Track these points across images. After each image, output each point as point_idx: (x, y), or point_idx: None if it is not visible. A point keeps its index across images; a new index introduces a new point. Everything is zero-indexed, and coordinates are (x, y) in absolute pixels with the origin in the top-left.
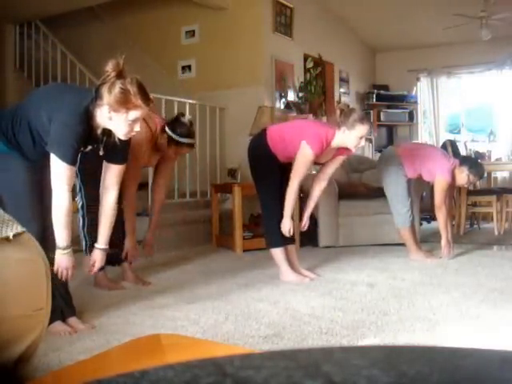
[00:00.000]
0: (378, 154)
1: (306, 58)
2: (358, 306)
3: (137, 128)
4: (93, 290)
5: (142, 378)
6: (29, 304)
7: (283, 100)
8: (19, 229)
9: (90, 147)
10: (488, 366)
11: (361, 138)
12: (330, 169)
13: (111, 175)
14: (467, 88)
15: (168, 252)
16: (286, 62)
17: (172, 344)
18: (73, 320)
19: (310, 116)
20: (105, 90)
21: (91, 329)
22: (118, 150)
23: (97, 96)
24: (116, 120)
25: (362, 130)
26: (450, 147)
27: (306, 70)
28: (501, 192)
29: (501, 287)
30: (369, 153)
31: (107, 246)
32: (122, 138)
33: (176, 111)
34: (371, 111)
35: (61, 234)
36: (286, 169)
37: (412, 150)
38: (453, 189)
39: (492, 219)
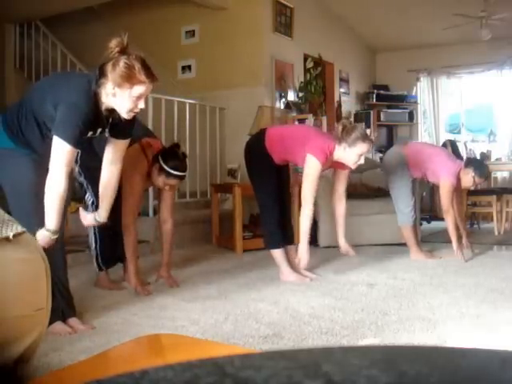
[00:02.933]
0: (379, 154)
1: (305, 58)
2: (358, 306)
3: (141, 105)
4: (93, 289)
5: (142, 378)
6: (29, 304)
7: (283, 100)
8: (19, 229)
9: (98, 130)
10: (488, 366)
11: (360, 155)
12: (342, 187)
13: (116, 150)
14: (467, 88)
15: None
16: (286, 62)
17: (172, 344)
18: (73, 320)
19: (310, 116)
20: (109, 67)
21: (91, 329)
22: (123, 126)
23: (100, 74)
24: (120, 96)
25: (362, 147)
26: (450, 147)
27: (306, 70)
28: (501, 192)
29: (501, 287)
30: (369, 153)
31: (106, 220)
32: (126, 116)
33: (176, 111)
34: (371, 111)
35: (52, 217)
36: (281, 170)
37: (418, 150)
38: (460, 192)
39: (492, 219)
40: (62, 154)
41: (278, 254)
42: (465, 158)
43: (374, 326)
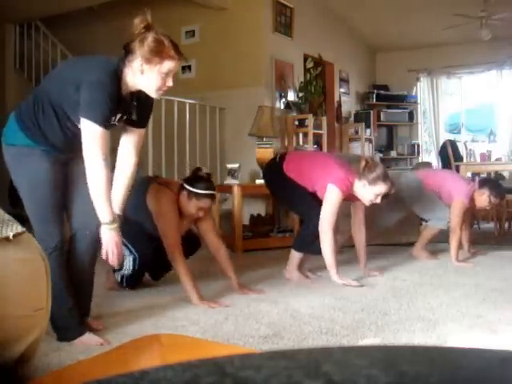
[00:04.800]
0: (379, 154)
1: (306, 58)
2: (358, 306)
3: (170, 82)
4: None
5: (142, 378)
6: (29, 304)
7: (283, 100)
8: (19, 229)
9: (119, 116)
10: (488, 366)
11: (378, 195)
12: (359, 216)
13: (133, 139)
14: (467, 88)
15: None
16: (286, 62)
17: (172, 344)
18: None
19: (310, 116)
20: (136, 43)
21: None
22: (141, 112)
23: (126, 53)
24: (148, 73)
25: (382, 188)
26: (450, 147)
27: (306, 70)
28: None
29: (501, 287)
30: (369, 153)
31: (122, 212)
32: (154, 95)
33: (176, 111)
34: (371, 111)
35: (103, 207)
36: None
37: (432, 175)
38: (471, 214)
39: (492, 219)
40: (93, 137)
41: (297, 256)
42: (477, 179)
43: (374, 326)
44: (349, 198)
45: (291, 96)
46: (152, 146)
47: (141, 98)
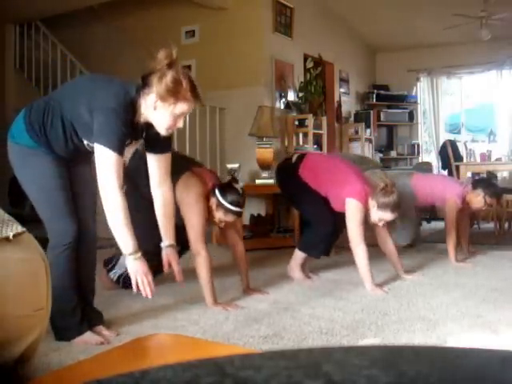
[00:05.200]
0: (379, 154)
1: (306, 58)
2: (358, 306)
3: (180, 124)
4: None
5: (142, 378)
6: (29, 304)
7: (283, 100)
8: (19, 229)
9: (129, 141)
10: (488, 366)
11: (381, 221)
12: (382, 228)
13: (160, 166)
14: (467, 88)
15: None
16: (286, 62)
17: (172, 344)
18: (99, 327)
19: (310, 116)
20: (155, 78)
21: (115, 335)
22: (162, 139)
23: (144, 84)
24: (161, 111)
25: (387, 216)
26: (450, 147)
27: (306, 70)
28: (501, 195)
29: (501, 287)
30: (369, 153)
31: (174, 243)
32: (163, 132)
33: None
34: (371, 111)
35: (124, 237)
36: None
37: (425, 180)
38: (469, 215)
39: (492, 219)
40: (108, 163)
41: (301, 256)
42: (470, 181)
43: (374, 326)
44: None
45: (291, 96)
46: None
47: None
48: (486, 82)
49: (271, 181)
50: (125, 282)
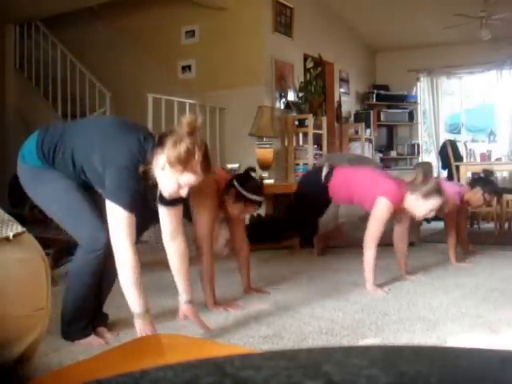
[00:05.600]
0: (379, 154)
1: (306, 57)
2: (358, 306)
3: (183, 192)
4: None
5: (142, 378)
6: (29, 304)
7: (283, 100)
8: (19, 229)
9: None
10: (488, 366)
11: (431, 210)
12: (404, 227)
13: (172, 220)
14: (467, 88)
15: None
16: (286, 62)
17: (172, 344)
18: (101, 329)
19: (310, 116)
20: (170, 141)
21: (116, 336)
22: None
23: (159, 143)
24: (167, 174)
25: (436, 201)
26: (450, 147)
27: (306, 70)
28: (501, 192)
29: (501, 287)
30: (369, 153)
31: (191, 298)
32: (166, 195)
33: (176, 111)
34: (371, 111)
35: (133, 297)
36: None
37: None
38: (466, 216)
39: (492, 219)
40: (120, 221)
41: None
42: (467, 181)
43: (374, 326)
44: (395, 211)
45: (291, 96)
46: None
47: None
48: (486, 82)
49: (271, 181)
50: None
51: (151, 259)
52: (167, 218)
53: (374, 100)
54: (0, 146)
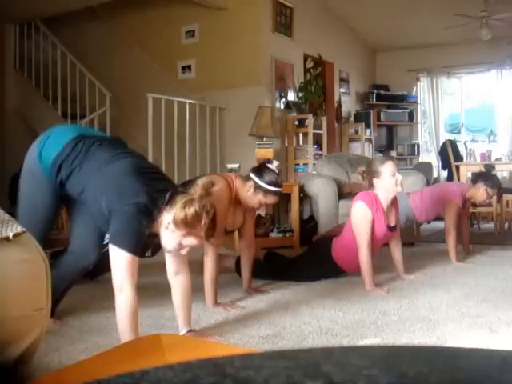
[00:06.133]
0: (379, 154)
1: (306, 57)
2: (358, 306)
3: (183, 252)
4: (92, 290)
5: (142, 378)
6: (29, 304)
7: (283, 100)
8: (19, 229)
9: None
10: (488, 366)
11: (393, 174)
12: (397, 233)
13: (176, 258)
14: (467, 88)
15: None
16: (285, 62)
17: (172, 344)
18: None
19: (310, 116)
20: (179, 202)
21: (60, 325)
22: None
23: (168, 201)
24: (171, 233)
25: (389, 166)
26: (450, 147)
27: (306, 70)
28: (501, 192)
29: (501, 287)
30: (369, 153)
31: (191, 327)
32: (166, 250)
33: (176, 111)
34: (371, 111)
35: (126, 338)
36: None
37: (423, 195)
38: (468, 215)
39: (492, 219)
40: (123, 265)
41: None
42: (470, 177)
43: (374, 326)
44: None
45: (291, 96)
46: (152, 146)
47: None
48: (486, 82)
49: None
50: (88, 275)
51: (149, 261)
52: (171, 257)
53: (374, 100)
54: (0, 146)
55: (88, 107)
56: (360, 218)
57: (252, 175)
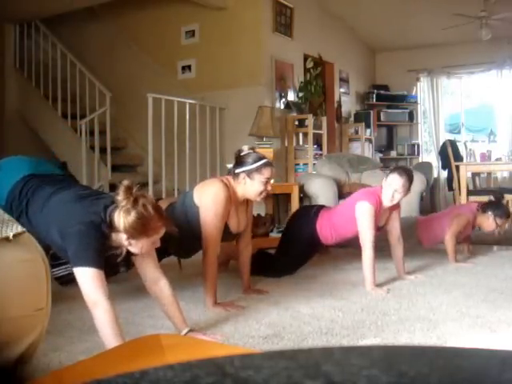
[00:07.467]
0: (379, 154)
1: (305, 57)
2: (358, 306)
3: (157, 244)
4: None
5: (142, 378)
6: (29, 304)
7: (283, 100)
8: (19, 229)
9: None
10: (488, 366)
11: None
12: (396, 229)
13: (148, 262)
14: (467, 88)
15: None
16: (286, 62)
17: (172, 344)
18: None
19: (310, 116)
20: (119, 218)
21: None
22: None
23: (109, 220)
24: (136, 244)
25: (393, 180)
26: (450, 147)
27: (306, 70)
28: (501, 192)
29: (501, 287)
30: (369, 153)
31: (189, 326)
32: (138, 253)
33: (176, 111)
34: (371, 111)
35: (109, 337)
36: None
37: (428, 221)
38: (470, 233)
39: None
40: (89, 279)
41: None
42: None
43: (374, 326)
44: (392, 209)
45: (291, 96)
46: (152, 146)
47: None
48: (486, 82)
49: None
50: (64, 282)
51: None
52: (143, 264)
53: (374, 100)
54: (0, 146)
55: (88, 107)
56: (366, 218)
57: (237, 170)
